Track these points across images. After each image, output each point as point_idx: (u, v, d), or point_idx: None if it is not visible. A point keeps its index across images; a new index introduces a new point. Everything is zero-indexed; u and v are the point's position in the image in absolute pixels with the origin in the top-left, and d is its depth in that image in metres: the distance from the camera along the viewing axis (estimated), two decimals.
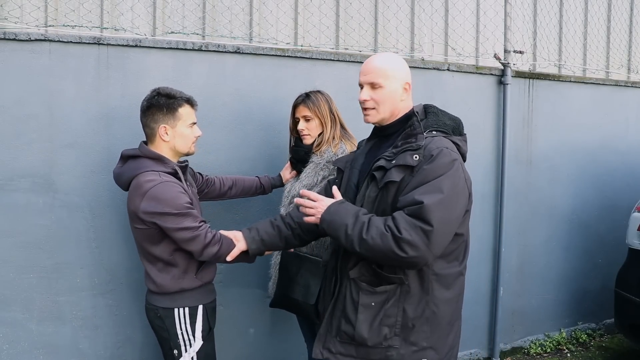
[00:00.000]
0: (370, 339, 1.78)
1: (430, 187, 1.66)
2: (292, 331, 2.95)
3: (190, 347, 2.10)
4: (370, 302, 1.78)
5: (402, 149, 1.76)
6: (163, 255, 2.05)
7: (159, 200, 1.95)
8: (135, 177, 2.03)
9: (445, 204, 1.66)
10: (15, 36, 2.45)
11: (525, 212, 3.81)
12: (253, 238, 2.06)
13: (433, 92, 3.33)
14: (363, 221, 1.71)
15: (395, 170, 1.74)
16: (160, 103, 2.07)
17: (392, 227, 1.65)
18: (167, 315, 2.08)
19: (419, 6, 3.70)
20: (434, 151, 1.71)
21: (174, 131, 2.09)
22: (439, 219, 1.63)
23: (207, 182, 2.51)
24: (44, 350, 2.58)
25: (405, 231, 1.62)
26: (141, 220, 1.99)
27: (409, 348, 1.77)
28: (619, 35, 4.48)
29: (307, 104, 2.45)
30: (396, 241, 1.63)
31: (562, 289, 4.04)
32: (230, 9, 3.14)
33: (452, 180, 1.69)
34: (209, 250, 2.01)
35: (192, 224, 1.98)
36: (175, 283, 2.07)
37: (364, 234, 1.68)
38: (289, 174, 2.64)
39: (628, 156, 4.19)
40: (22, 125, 2.48)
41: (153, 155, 2.07)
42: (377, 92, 1.84)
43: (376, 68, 1.84)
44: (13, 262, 2.51)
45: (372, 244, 1.66)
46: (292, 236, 2.07)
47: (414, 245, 1.63)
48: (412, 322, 1.77)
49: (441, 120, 1.85)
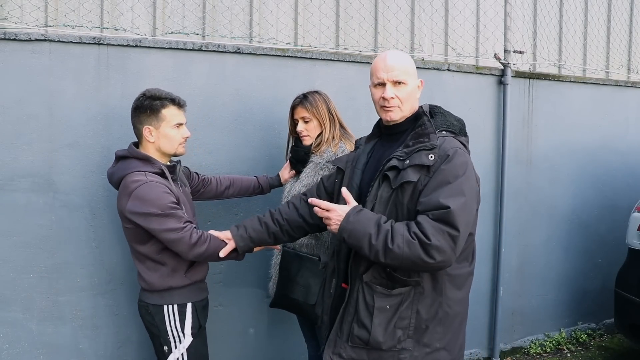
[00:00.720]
0: (385, 342, 1.76)
1: (453, 190, 1.65)
2: (292, 331, 2.95)
3: (180, 343, 2.13)
4: (386, 305, 1.76)
5: (415, 149, 1.74)
6: (151, 254, 2.09)
7: (143, 200, 1.97)
8: (124, 178, 2.06)
9: (467, 207, 1.67)
10: (15, 36, 2.45)
11: (525, 212, 3.81)
12: (241, 236, 2.07)
13: (433, 92, 3.33)
14: (387, 229, 1.67)
15: (412, 171, 1.72)
16: (145, 105, 2.09)
17: (419, 233, 1.63)
18: (157, 312, 2.12)
19: (419, 6, 3.70)
20: (450, 151, 1.71)
21: (158, 132, 2.11)
22: (463, 223, 1.64)
23: (204, 182, 2.52)
24: (44, 350, 2.58)
25: (433, 237, 1.61)
26: (128, 220, 2.03)
27: (422, 350, 1.76)
28: (619, 35, 4.48)
29: (304, 106, 2.45)
30: (424, 248, 1.62)
31: (562, 289, 4.04)
32: (230, 9, 3.14)
33: (469, 182, 1.70)
34: (195, 250, 2.02)
35: (175, 225, 1.99)
36: (164, 281, 2.10)
37: (389, 244, 1.64)
38: (287, 174, 2.63)
39: (628, 156, 4.19)
40: (22, 125, 2.48)
41: (140, 155, 2.10)
42: (401, 89, 1.83)
43: (399, 65, 1.83)
44: (13, 262, 2.51)
45: (399, 253, 1.63)
46: (280, 232, 2.08)
47: (442, 251, 1.62)
48: (426, 323, 1.76)
49: (449, 121, 1.85)
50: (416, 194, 1.72)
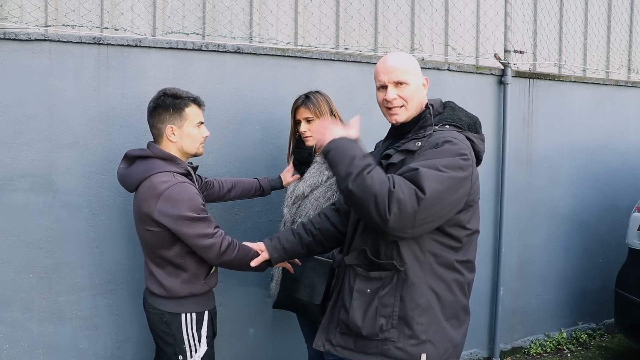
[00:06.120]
0: (364, 327, 1.74)
1: (428, 162, 1.62)
2: (292, 331, 2.95)
3: (195, 352, 2.06)
4: (365, 289, 1.75)
5: (410, 139, 1.78)
6: (174, 258, 2.01)
7: (174, 202, 1.91)
8: (147, 179, 1.98)
9: (441, 180, 1.59)
10: (15, 36, 2.45)
11: (525, 212, 3.81)
12: (275, 247, 2.04)
13: (433, 92, 3.28)
14: (371, 162, 1.63)
15: (397, 155, 1.76)
16: (167, 103, 2.04)
17: (392, 180, 1.58)
18: (174, 320, 2.05)
19: (419, 6, 3.70)
20: (440, 140, 1.70)
21: (181, 131, 2.06)
22: (432, 189, 1.56)
23: (207, 184, 2.48)
24: (44, 350, 2.58)
25: (399, 187, 1.55)
26: (155, 223, 1.95)
27: (407, 341, 1.72)
28: (619, 35, 4.48)
29: (307, 106, 2.44)
30: (390, 195, 1.54)
31: (562, 289, 4.04)
32: (230, 9, 3.14)
33: (452, 163, 1.63)
34: (224, 257, 1.99)
35: (208, 230, 1.95)
36: (185, 287, 2.04)
37: (366, 172, 1.58)
38: (290, 177, 2.59)
39: (628, 156, 4.19)
40: (22, 125, 2.48)
41: (165, 155, 2.03)
42: (404, 89, 1.83)
43: (399, 66, 1.83)
44: (13, 262, 2.50)
45: (369, 184, 1.55)
46: (313, 243, 2.05)
47: (402, 204, 1.53)
48: (410, 312, 1.71)
49: (457, 115, 1.84)
50: None
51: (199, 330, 2.07)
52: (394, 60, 1.85)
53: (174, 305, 2.05)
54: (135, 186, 2.04)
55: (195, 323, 2.07)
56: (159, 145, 2.08)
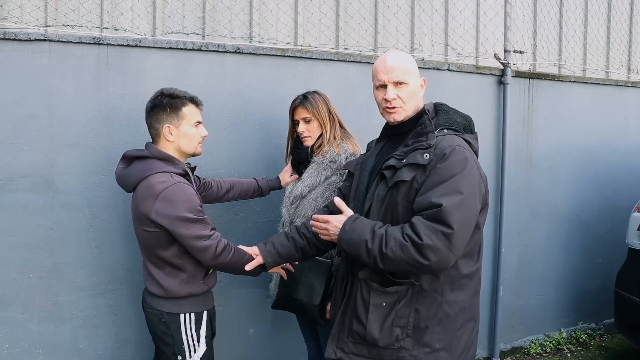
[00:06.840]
0: (381, 339, 1.76)
1: (447, 188, 1.64)
2: (292, 331, 2.95)
3: (194, 352, 2.06)
4: (382, 303, 1.76)
5: (412, 148, 1.75)
6: (172, 259, 2.02)
7: (172, 202, 1.91)
8: (144, 179, 1.98)
9: (464, 205, 1.64)
10: (15, 36, 2.45)
11: (525, 212, 3.81)
12: (269, 251, 2.05)
13: (433, 92, 3.30)
14: (381, 234, 1.67)
15: (406, 170, 1.72)
16: (164, 103, 2.04)
17: (412, 234, 1.62)
18: (173, 321, 2.05)
19: (419, 6, 3.70)
20: (447, 149, 1.70)
21: (178, 131, 2.06)
22: (458, 220, 1.61)
23: (205, 185, 2.47)
24: (44, 350, 2.58)
25: (426, 237, 1.60)
26: (152, 223, 1.95)
27: (421, 349, 1.75)
28: (619, 35, 4.48)
29: (305, 106, 2.44)
30: (418, 249, 1.61)
31: (562, 289, 4.04)
32: (230, 9, 3.14)
33: (467, 179, 1.67)
34: (219, 260, 1.99)
35: (204, 232, 1.95)
36: (183, 287, 2.04)
37: (384, 249, 1.64)
38: (288, 177, 2.59)
39: (628, 156, 4.19)
40: (22, 125, 2.48)
41: (163, 155, 2.03)
42: (403, 89, 1.82)
43: (399, 66, 1.82)
44: (13, 262, 2.50)
45: (394, 257, 1.63)
46: (307, 246, 2.05)
47: (436, 250, 1.60)
48: (425, 323, 1.74)
49: (452, 118, 1.84)
50: (412, 193, 1.72)
51: (198, 330, 2.07)
52: (394, 59, 1.84)
53: (172, 305, 2.05)
54: (133, 186, 2.04)
55: (194, 323, 2.07)
56: (157, 145, 2.08)
